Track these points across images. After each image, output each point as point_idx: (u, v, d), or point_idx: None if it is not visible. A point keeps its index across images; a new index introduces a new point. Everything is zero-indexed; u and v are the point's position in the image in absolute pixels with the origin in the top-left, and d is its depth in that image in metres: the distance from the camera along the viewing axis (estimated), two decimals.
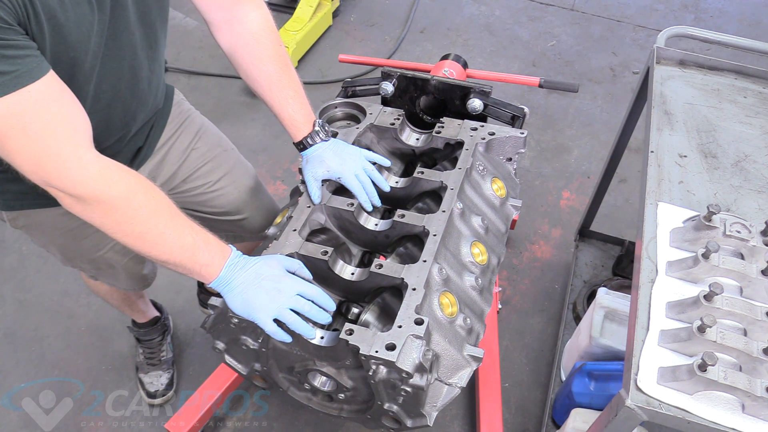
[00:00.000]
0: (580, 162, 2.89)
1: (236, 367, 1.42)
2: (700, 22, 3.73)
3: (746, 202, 1.29)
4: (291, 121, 1.38)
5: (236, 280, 1.15)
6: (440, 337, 1.18)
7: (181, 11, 3.67)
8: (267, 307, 1.13)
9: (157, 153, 1.47)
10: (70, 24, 0.99)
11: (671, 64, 1.65)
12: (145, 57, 1.24)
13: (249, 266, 1.16)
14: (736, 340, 0.98)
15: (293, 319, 1.13)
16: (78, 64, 1.06)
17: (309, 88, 2.75)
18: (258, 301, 1.13)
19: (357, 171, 1.38)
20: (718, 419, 0.93)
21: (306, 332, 1.15)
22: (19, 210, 1.34)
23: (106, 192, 1.02)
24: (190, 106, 1.59)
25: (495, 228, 1.47)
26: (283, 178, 2.81)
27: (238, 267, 1.16)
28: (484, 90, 1.64)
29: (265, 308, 1.13)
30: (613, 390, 1.65)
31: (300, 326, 1.14)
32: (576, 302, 2.16)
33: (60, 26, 0.97)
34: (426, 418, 1.21)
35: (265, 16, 1.35)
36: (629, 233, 2.42)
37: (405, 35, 3.57)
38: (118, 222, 1.06)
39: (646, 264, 1.15)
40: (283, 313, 1.13)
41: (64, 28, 0.98)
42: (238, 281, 1.15)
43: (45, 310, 2.31)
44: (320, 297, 1.18)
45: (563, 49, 3.52)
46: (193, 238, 1.11)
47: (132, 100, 1.26)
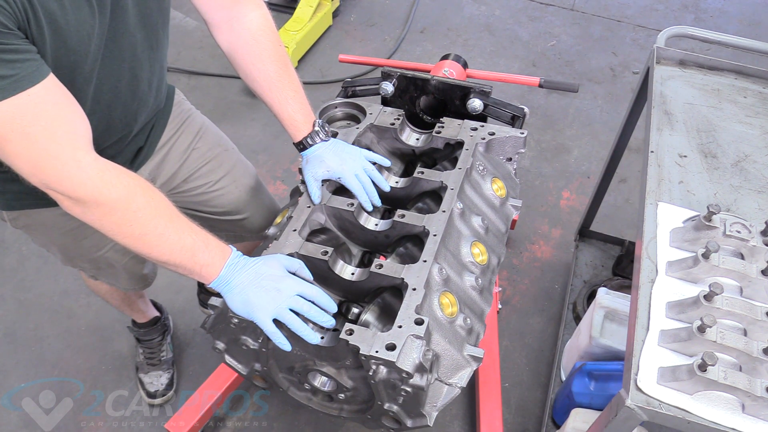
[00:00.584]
0: (580, 162, 2.89)
1: (236, 367, 1.42)
2: (700, 22, 3.73)
3: (746, 202, 1.29)
4: (291, 121, 1.38)
5: (236, 279, 1.15)
6: (440, 337, 1.18)
7: (181, 11, 3.67)
8: (266, 307, 1.13)
9: (157, 153, 1.47)
10: (71, 27, 0.99)
11: (671, 64, 1.65)
12: (146, 58, 1.24)
13: (249, 266, 1.16)
14: (736, 340, 0.98)
15: (292, 319, 1.13)
16: (78, 67, 1.06)
17: (309, 88, 2.76)
18: (257, 300, 1.13)
19: (357, 171, 1.38)
20: (718, 419, 0.93)
21: (306, 335, 1.14)
22: (19, 210, 1.34)
23: (104, 194, 1.02)
24: (191, 106, 1.59)
25: (495, 228, 1.47)
26: (283, 178, 2.81)
27: (238, 267, 1.16)
28: (484, 90, 1.64)
29: (264, 308, 1.13)
30: (613, 390, 1.65)
31: (299, 327, 1.14)
32: (576, 302, 2.16)
33: (60, 29, 0.98)
34: (426, 418, 1.21)
35: (264, 16, 1.35)
36: (629, 233, 2.43)
37: (405, 35, 3.57)
38: (118, 224, 1.06)
39: (646, 264, 1.15)
40: (282, 313, 1.13)
41: (64, 31, 0.98)
42: (237, 281, 1.15)
43: (45, 310, 2.31)
44: (321, 297, 1.18)
45: (563, 49, 3.52)
46: (192, 239, 1.11)
47: (132, 101, 1.26)
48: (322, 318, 1.16)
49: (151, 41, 1.24)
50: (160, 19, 1.24)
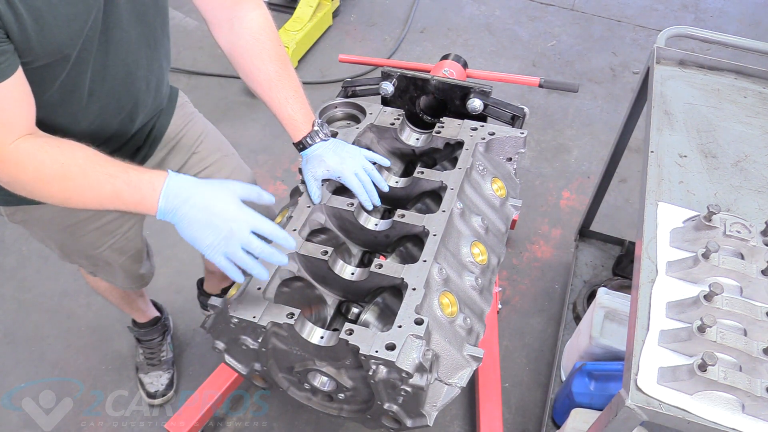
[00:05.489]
0: (580, 162, 2.89)
1: (236, 367, 1.42)
2: (700, 22, 3.73)
3: (746, 202, 1.29)
4: (290, 120, 1.37)
5: (182, 210, 1.07)
6: (440, 337, 1.18)
7: (181, 11, 3.67)
8: (217, 247, 1.08)
9: (157, 154, 1.47)
10: (60, 23, 1.00)
11: (671, 64, 1.65)
12: (144, 56, 1.24)
13: (197, 196, 1.08)
14: (736, 340, 0.98)
15: (244, 259, 1.09)
16: (71, 60, 1.07)
17: (309, 88, 2.76)
18: (208, 240, 1.08)
19: (357, 170, 1.38)
20: (718, 419, 0.93)
21: (258, 273, 1.11)
22: (16, 205, 1.34)
23: (20, 174, 1.04)
24: (194, 109, 1.59)
25: (495, 228, 1.47)
26: (283, 178, 2.81)
27: (181, 196, 1.07)
28: (484, 90, 1.64)
29: (215, 247, 1.08)
30: (613, 390, 1.65)
31: (252, 265, 1.10)
32: (576, 302, 2.16)
33: (48, 25, 0.99)
34: (426, 418, 1.21)
35: (264, 15, 1.35)
36: (629, 233, 2.42)
37: (405, 35, 3.57)
38: (40, 197, 1.08)
39: (646, 264, 1.15)
40: (234, 252, 1.08)
41: (52, 26, 0.99)
42: (184, 212, 1.07)
43: (45, 310, 2.31)
44: (276, 232, 1.12)
45: (563, 49, 3.52)
46: (112, 184, 1.06)
47: (128, 98, 1.27)
48: (274, 258, 1.12)
49: (149, 39, 1.24)
50: (157, 17, 1.24)
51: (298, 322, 1.18)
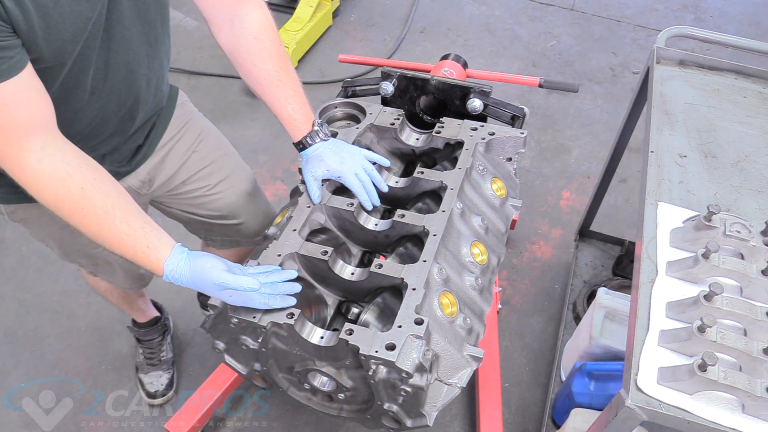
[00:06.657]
0: (580, 162, 2.89)
1: (236, 367, 1.42)
2: (700, 22, 3.73)
3: (746, 202, 1.29)
4: (290, 120, 1.38)
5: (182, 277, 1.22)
6: (440, 337, 1.18)
7: (181, 11, 3.67)
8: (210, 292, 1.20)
9: (157, 153, 1.47)
10: (66, 20, 1.00)
11: (671, 64, 1.65)
12: (144, 54, 1.24)
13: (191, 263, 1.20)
14: (736, 340, 0.98)
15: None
16: (77, 59, 1.08)
17: (309, 88, 2.76)
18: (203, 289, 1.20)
19: (357, 170, 1.38)
20: (718, 419, 0.93)
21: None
22: (16, 204, 1.34)
23: (37, 196, 1.08)
24: (194, 108, 1.59)
25: (495, 228, 1.47)
26: (283, 178, 2.81)
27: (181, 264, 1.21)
28: (484, 90, 1.64)
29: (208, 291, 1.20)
30: (613, 390, 1.65)
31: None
32: (576, 302, 2.16)
33: (54, 22, 0.99)
34: (426, 418, 1.21)
35: (265, 15, 1.35)
36: (629, 233, 2.42)
37: (405, 35, 3.57)
38: (60, 215, 1.12)
39: (646, 264, 1.15)
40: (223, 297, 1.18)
41: (58, 23, 1.00)
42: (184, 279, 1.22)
43: (45, 310, 2.31)
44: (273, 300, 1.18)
45: (563, 49, 3.52)
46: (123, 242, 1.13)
47: (128, 96, 1.27)
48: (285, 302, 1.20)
49: (149, 37, 1.24)
50: (158, 15, 1.24)
51: (298, 322, 1.18)
